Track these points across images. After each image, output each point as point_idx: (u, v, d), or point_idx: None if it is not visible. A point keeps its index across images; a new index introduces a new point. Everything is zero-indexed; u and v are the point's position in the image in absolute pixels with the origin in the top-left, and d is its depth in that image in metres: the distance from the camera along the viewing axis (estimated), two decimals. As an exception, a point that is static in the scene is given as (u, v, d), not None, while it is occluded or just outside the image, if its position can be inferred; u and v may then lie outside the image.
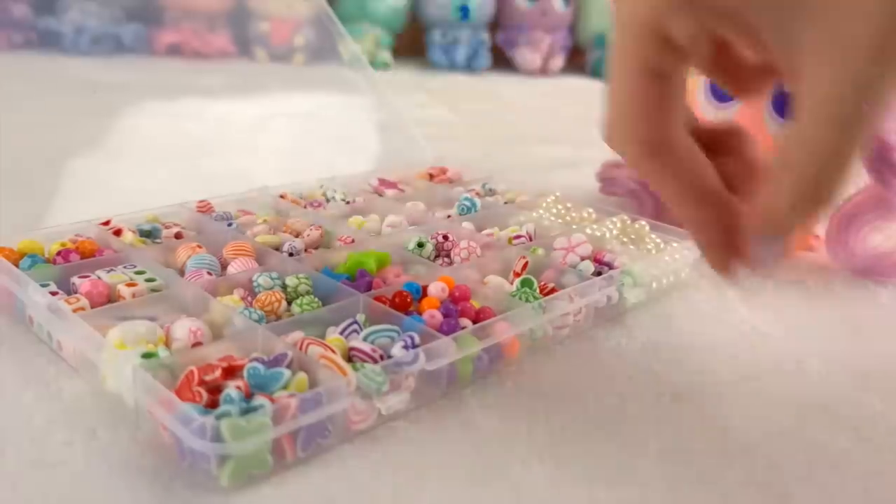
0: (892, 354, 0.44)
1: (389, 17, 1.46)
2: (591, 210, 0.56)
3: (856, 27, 0.23)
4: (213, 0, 1.31)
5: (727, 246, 0.29)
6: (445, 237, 0.49)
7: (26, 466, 0.30)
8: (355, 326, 0.37)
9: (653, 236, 0.53)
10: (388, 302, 0.40)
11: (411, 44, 1.52)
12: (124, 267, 0.43)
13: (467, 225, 0.52)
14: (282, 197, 0.56)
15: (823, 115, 0.25)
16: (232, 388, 0.30)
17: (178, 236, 0.48)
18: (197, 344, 0.35)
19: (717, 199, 0.29)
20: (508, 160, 0.86)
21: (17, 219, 0.54)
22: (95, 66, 1.20)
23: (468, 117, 1.12)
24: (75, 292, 0.40)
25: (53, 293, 0.39)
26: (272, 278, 0.42)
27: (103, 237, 0.47)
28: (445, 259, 0.48)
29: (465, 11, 1.47)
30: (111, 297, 0.40)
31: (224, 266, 0.44)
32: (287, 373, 0.32)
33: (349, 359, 0.35)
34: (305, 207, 0.55)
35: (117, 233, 0.47)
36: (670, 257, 0.50)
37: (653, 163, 0.29)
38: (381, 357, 0.35)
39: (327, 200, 0.57)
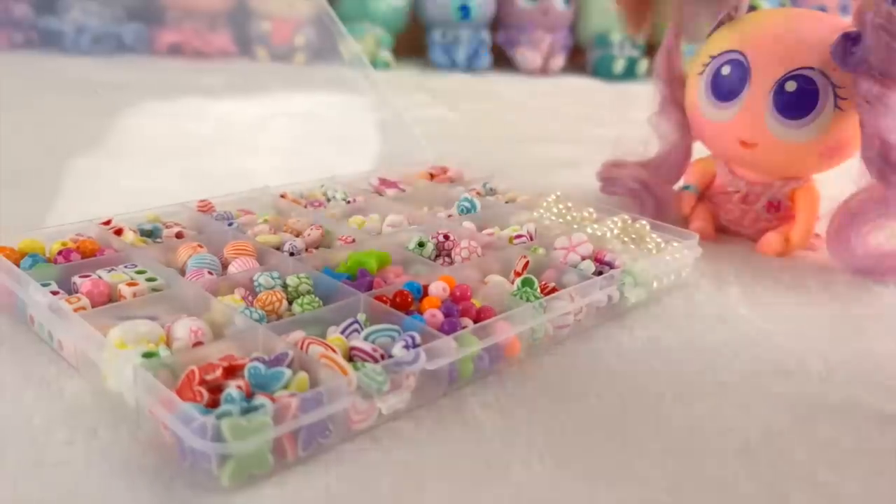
0: (892, 354, 0.44)
1: (390, 16, 1.46)
2: (591, 210, 0.56)
3: None
4: (214, 0, 1.31)
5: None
6: (446, 237, 0.49)
7: (26, 466, 0.30)
8: (356, 326, 0.37)
9: (653, 236, 0.53)
10: (389, 301, 0.40)
11: (412, 43, 1.52)
12: (125, 266, 0.43)
13: (468, 224, 0.52)
14: (282, 196, 0.56)
15: None
16: (233, 388, 0.30)
17: (178, 236, 0.48)
18: (198, 343, 0.35)
19: None
20: (509, 160, 0.86)
21: (17, 218, 0.54)
22: (96, 65, 1.20)
23: (468, 117, 1.12)
24: (76, 292, 0.40)
25: (54, 293, 0.39)
26: (273, 278, 0.42)
27: (104, 237, 0.47)
28: (446, 258, 0.48)
29: (465, 11, 1.47)
30: (112, 297, 0.40)
31: (225, 266, 0.44)
32: (288, 372, 0.32)
33: (350, 358, 0.35)
34: (306, 207, 0.55)
35: (118, 232, 0.47)
36: (671, 257, 0.50)
37: None
38: (382, 356, 0.35)
39: (328, 200, 0.57)
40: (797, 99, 0.54)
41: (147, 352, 0.33)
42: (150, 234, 0.48)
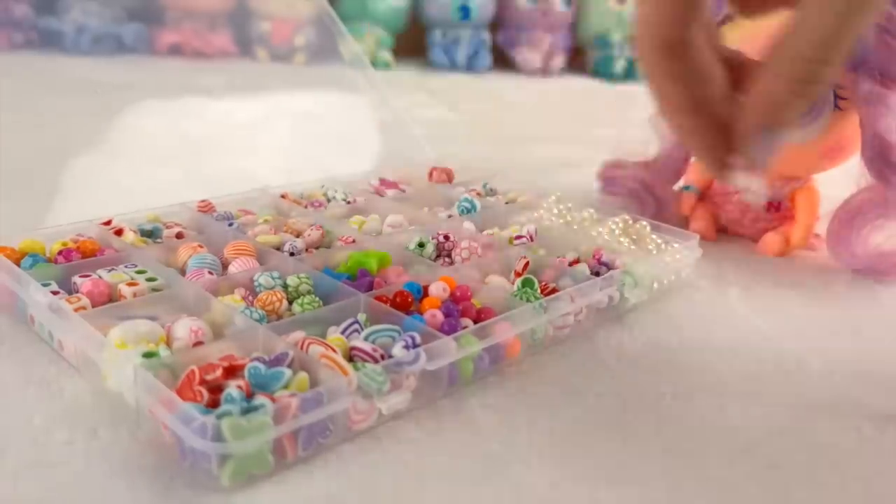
0: (892, 354, 0.44)
1: (390, 16, 1.46)
2: (592, 210, 0.56)
3: None
4: (214, 0, 1.31)
5: (722, 148, 0.30)
6: (446, 237, 0.49)
7: (26, 466, 0.30)
8: (356, 326, 0.37)
9: (654, 236, 0.53)
10: (389, 301, 0.40)
11: (412, 44, 1.52)
12: (125, 266, 0.43)
13: (468, 225, 0.52)
14: (283, 197, 0.56)
15: (826, 3, 0.27)
16: (233, 388, 0.30)
17: (179, 236, 0.48)
18: (198, 343, 0.35)
19: (714, 106, 0.30)
20: (509, 160, 0.86)
21: (18, 218, 0.54)
22: (96, 65, 1.20)
23: (468, 117, 1.12)
24: (76, 292, 0.40)
25: (55, 292, 0.39)
26: (273, 278, 0.42)
27: (104, 237, 0.47)
28: (446, 259, 0.48)
29: (465, 11, 1.47)
30: (112, 297, 0.40)
31: (225, 266, 0.44)
32: (288, 372, 0.32)
33: (350, 358, 0.35)
34: (306, 207, 0.55)
35: (118, 232, 0.47)
36: (671, 257, 0.50)
37: (665, 64, 0.29)
38: (382, 357, 0.35)
39: (328, 200, 0.57)
40: (797, 99, 0.54)
41: (147, 352, 0.33)
42: (150, 234, 0.48)
